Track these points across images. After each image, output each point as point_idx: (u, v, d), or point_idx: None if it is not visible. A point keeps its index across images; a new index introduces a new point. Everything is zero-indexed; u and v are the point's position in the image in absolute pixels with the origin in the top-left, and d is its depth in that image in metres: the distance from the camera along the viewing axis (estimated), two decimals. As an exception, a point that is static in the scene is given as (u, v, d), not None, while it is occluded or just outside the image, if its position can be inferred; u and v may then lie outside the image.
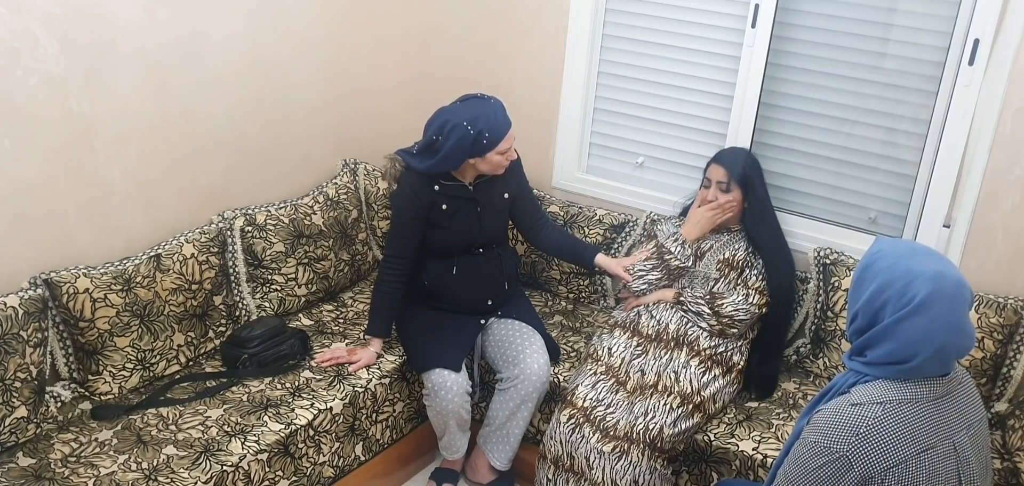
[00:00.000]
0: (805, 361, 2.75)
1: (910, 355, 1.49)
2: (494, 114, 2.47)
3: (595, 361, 2.59)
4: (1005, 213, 2.49)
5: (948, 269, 1.50)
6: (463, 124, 2.41)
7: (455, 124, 2.42)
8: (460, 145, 2.43)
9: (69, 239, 2.38)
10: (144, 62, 2.44)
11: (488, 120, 2.44)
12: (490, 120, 2.45)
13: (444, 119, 2.46)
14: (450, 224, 2.59)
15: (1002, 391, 2.46)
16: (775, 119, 2.85)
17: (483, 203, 2.63)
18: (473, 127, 2.42)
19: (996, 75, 2.43)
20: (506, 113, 2.51)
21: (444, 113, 2.49)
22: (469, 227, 2.62)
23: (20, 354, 2.12)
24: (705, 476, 2.45)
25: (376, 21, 3.18)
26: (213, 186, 2.75)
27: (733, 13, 2.80)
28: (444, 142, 2.44)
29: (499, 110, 2.49)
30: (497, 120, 2.47)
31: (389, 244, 2.66)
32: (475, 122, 2.42)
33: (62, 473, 2.06)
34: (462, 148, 2.44)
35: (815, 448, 1.52)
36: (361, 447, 2.58)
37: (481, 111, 2.45)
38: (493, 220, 2.68)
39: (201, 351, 2.57)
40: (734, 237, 2.66)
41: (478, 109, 2.46)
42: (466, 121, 2.42)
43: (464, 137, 2.42)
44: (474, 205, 2.61)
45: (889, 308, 1.50)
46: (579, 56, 3.07)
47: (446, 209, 2.58)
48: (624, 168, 3.18)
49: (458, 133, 2.41)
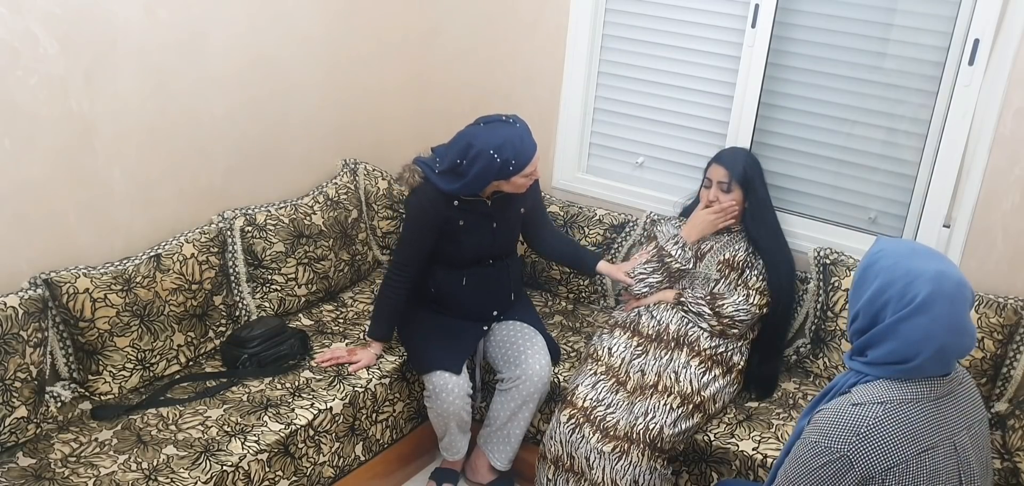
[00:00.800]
0: (805, 361, 2.75)
1: (911, 355, 1.49)
2: (520, 141, 2.41)
3: (595, 361, 2.59)
4: (1005, 213, 2.49)
5: (949, 269, 1.50)
6: (490, 152, 2.37)
7: (480, 150, 2.37)
8: (486, 172, 2.40)
9: (69, 239, 2.38)
10: (144, 62, 2.44)
11: (515, 148, 2.39)
12: (516, 148, 2.39)
13: (467, 143, 2.40)
14: (464, 238, 2.57)
15: (1002, 391, 2.46)
16: (775, 119, 2.85)
17: (499, 219, 2.61)
18: (499, 155, 2.37)
19: (996, 75, 2.43)
20: (531, 136, 2.46)
21: (466, 136, 2.44)
22: (483, 241, 2.60)
23: (20, 354, 2.12)
24: (705, 476, 2.45)
25: (376, 22, 3.18)
26: (213, 186, 2.75)
27: (733, 13, 2.80)
28: (469, 167, 2.40)
29: (525, 135, 2.44)
30: (524, 146, 2.41)
31: (398, 252, 2.62)
32: (502, 150, 2.37)
33: (62, 473, 2.06)
34: (488, 175, 2.41)
35: (816, 448, 1.52)
36: (361, 447, 2.58)
37: (507, 137, 2.39)
38: (507, 234, 2.67)
39: (201, 351, 2.57)
40: (734, 238, 2.66)
41: (504, 135, 2.39)
42: (492, 149, 2.37)
43: (490, 165, 2.38)
44: (490, 221, 2.59)
45: (890, 308, 1.50)
46: (579, 56, 3.07)
47: (463, 224, 2.55)
48: (624, 168, 3.18)
49: (483, 160, 2.37)
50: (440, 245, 2.58)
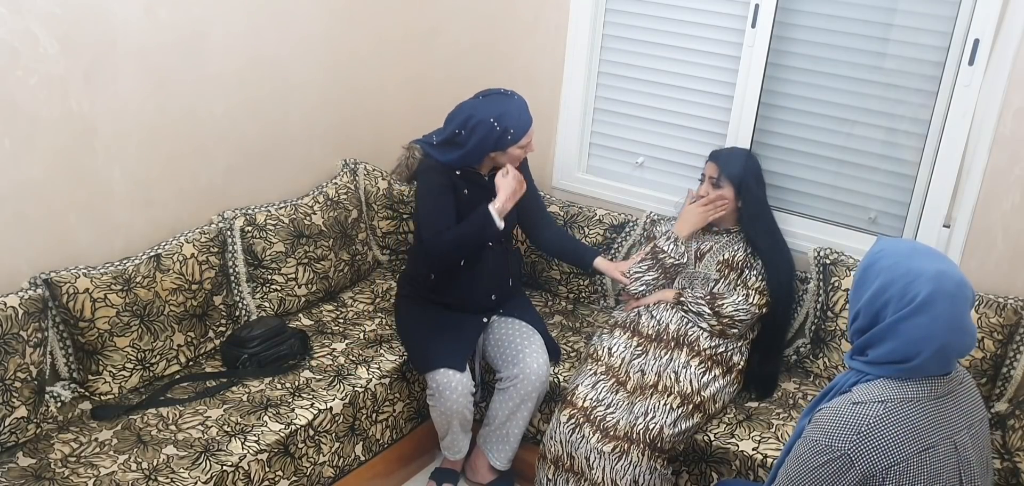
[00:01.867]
0: (805, 361, 2.75)
1: (912, 354, 1.49)
2: (518, 111, 2.52)
3: (595, 361, 2.59)
4: (1005, 213, 2.49)
5: (950, 268, 1.50)
6: (490, 120, 2.47)
7: (480, 120, 2.47)
8: (486, 141, 2.49)
9: (69, 239, 2.38)
10: (144, 62, 2.44)
11: (513, 117, 2.50)
12: (515, 117, 2.50)
13: (468, 114, 2.50)
14: (467, 212, 2.59)
15: (1002, 391, 2.46)
16: (775, 119, 2.85)
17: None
18: (499, 124, 2.47)
19: (996, 75, 2.43)
20: (528, 109, 2.56)
21: (467, 108, 2.53)
22: None
23: (20, 354, 2.12)
24: (705, 476, 2.45)
25: (376, 21, 3.18)
26: (213, 186, 2.75)
27: (733, 13, 2.80)
28: (468, 137, 2.49)
29: (523, 107, 2.54)
30: (521, 117, 2.52)
31: (426, 226, 2.54)
32: (501, 119, 2.47)
33: (62, 473, 2.06)
34: (487, 144, 2.50)
35: (816, 447, 1.52)
36: (361, 447, 2.58)
37: (506, 108, 2.50)
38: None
39: (201, 351, 2.57)
40: (733, 238, 2.66)
41: (503, 106, 2.50)
42: (492, 117, 2.47)
43: (490, 133, 2.47)
44: (489, 194, 2.61)
45: (891, 307, 1.51)
46: (579, 56, 3.07)
47: (467, 194, 2.60)
48: (624, 168, 3.18)
49: (483, 129, 2.47)
50: None
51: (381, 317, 2.92)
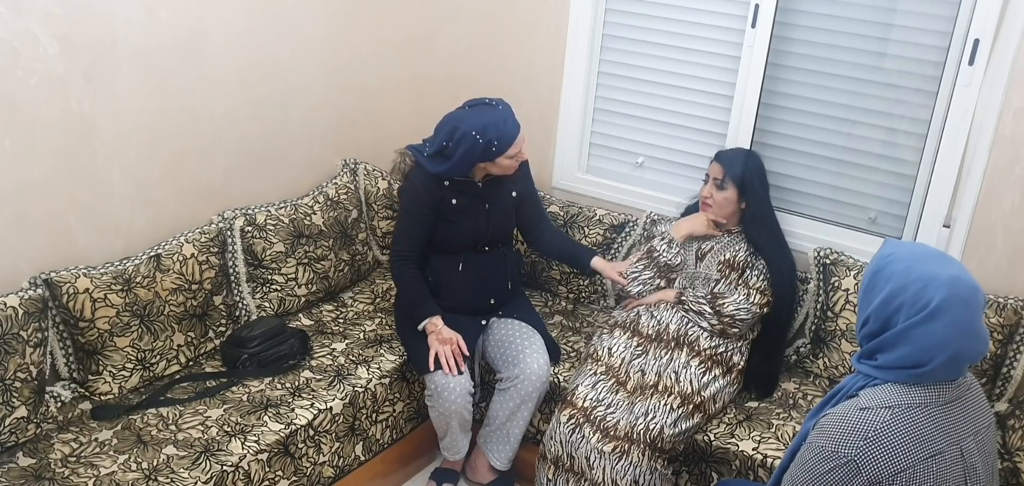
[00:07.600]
0: (805, 361, 2.75)
1: (924, 360, 1.47)
2: (503, 122, 2.48)
3: (595, 361, 2.59)
4: (1005, 213, 2.49)
5: (963, 274, 1.48)
6: (472, 134, 2.44)
7: (464, 133, 2.44)
8: (470, 154, 2.46)
9: (69, 239, 2.37)
10: (144, 62, 2.44)
11: (497, 128, 2.46)
12: (499, 128, 2.46)
13: (453, 126, 2.47)
14: (459, 219, 2.60)
15: (1002, 391, 2.46)
16: (775, 119, 2.85)
17: (492, 200, 2.64)
18: (482, 136, 2.44)
19: (996, 75, 2.43)
20: (515, 118, 2.52)
21: (453, 120, 2.50)
22: (477, 223, 2.63)
23: (20, 354, 2.12)
24: (705, 476, 2.45)
25: (376, 21, 3.18)
26: (213, 186, 2.75)
27: (733, 13, 2.80)
28: (454, 149, 2.47)
29: (508, 117, 2.50)
30: (506, 128, 2.48)
31: (398, 240, 2.66)
32: (484, 131, 2.44)
33: (62, 473, 2.06)
34: (472, 156, 2.47)
35: (822, 453, 1.51)
36: (361, 447, 2.58)
37: (490, 119, 2.46)
38: (501, 217, 2.69)
39: (201, 351, 2.57)
40: (735, 238, 2.66)
41: (487, 117, 2.47)
42: (475, 130, 2.44)
43: (474, 147, 2.45)
44: (483, 202, 2.62)
45: (903, 313, 1.49)
46: (579, 56, 3.07)
47: (456, 204, 2.59)
48: (624, 168, 3.18)
49: (467, 142, 2.44)
50: (436, 229, 2.61)
51: (381, 317, 2.92)
